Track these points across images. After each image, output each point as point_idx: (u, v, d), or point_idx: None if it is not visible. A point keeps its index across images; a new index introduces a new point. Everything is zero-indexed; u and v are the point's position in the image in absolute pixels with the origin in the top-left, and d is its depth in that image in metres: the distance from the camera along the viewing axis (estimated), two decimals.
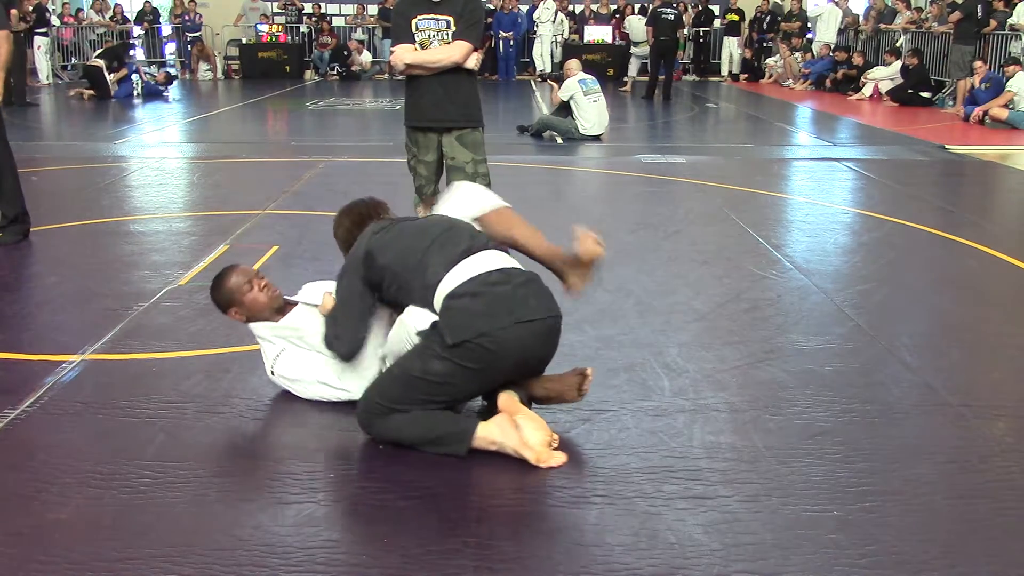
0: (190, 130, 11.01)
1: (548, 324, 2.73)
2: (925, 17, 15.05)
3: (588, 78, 9.63)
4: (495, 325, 2.61)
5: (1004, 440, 2.88)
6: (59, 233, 5.47)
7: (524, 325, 2.65)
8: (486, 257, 2.76)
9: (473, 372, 2.65)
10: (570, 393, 2.86)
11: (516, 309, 2.65)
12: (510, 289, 2.68)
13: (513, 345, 2.64)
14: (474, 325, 2.61)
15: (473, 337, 2.60)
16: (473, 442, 2.66)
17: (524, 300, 2.68)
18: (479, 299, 2.65)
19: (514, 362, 2.70)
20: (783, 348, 3.63)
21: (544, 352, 2.79)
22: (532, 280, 2.76)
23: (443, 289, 2.69)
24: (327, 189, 6.80)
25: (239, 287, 3.08)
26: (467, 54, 4.22)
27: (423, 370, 2.66)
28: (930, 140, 9.81)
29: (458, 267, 2.71)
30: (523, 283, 2.72)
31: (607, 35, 18.25)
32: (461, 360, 2.62)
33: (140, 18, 19.01)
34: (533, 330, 2.68)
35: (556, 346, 2.82)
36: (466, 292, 2.66)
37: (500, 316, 2.62)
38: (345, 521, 2.40)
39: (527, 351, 2.70)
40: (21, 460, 2.66)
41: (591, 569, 2.16)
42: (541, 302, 2.72)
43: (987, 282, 4.76)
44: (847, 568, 2.18)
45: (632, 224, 5.81)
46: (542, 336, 2.72)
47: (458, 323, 2.62)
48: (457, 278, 2.69)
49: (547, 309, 2.73)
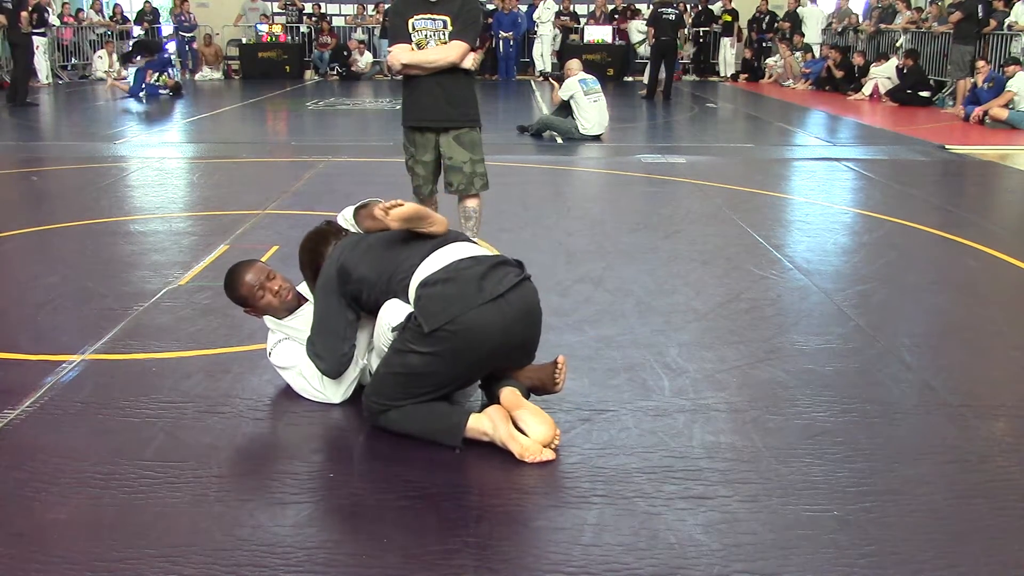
0: (190, 130, 11.01)
1: (520, 295, 2.75)
2: (925, 17, 15.05)
3: (589, 78, 9.62)
4: (468, 306, 2.66)
5: (1004, 440, 2.88)
6: (59, 233, 5.47)
7: (497, 302, 2.69)
8: (457, 247, 2.84)
9: (452, 357, 2.68)
10: (548, 383, 2.90)
11: (486, 287, 2.70)
12: (482, 270, 2.74)
13: (488, 323, 2.67)
14: (448, 310, 2.65)
15: (447, 322, 2.63)
16: (466, 433, 2.71)
17: (495, 279, 2.73)
18: (450, 284, 2.70)
19: (496, 343, 2.71)
20: (783, 348, 3.63)
21: (526, 329, 2.80)
22: (503, 262, 2.82)
23: (416, 279, 2.75)
24: (327, 189, 6.80)
25: (252, 292, 3.10)
26: (463, 54, 4.22)
27: (403, 365, 2.72)
28: (930, 140, 9.81)
29: (431, 257, 2.78)
30: (494, 265, 2.78)
31: (607, 35, 18.25)
32: (438, 347, 2.65)
33: (140, 18, 19.00)
34: (509, 304, 2.71)
35: (538, 323, 2.84)
36: (438, 279, 2.71)
37: (471, 296, 2.67)
38: (345, 521, 2.40)
39: (507, 330, 2.71)
40: (21, 460, 2.66)
41: (591, 569, 2.16)
42: (509, 277, 2.76)
43: (987, 282, 4.76)
44: (847, 568, 2.18)
45: (632, 224, 5.80)
46: (519, 310, 2.74)
47: (432, 310, 2.66)
48: (430, 267, 2.75)
49: (516, 275, 2.78)
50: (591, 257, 4.93)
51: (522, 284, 2.79)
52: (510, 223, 5.57)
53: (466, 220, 4.50)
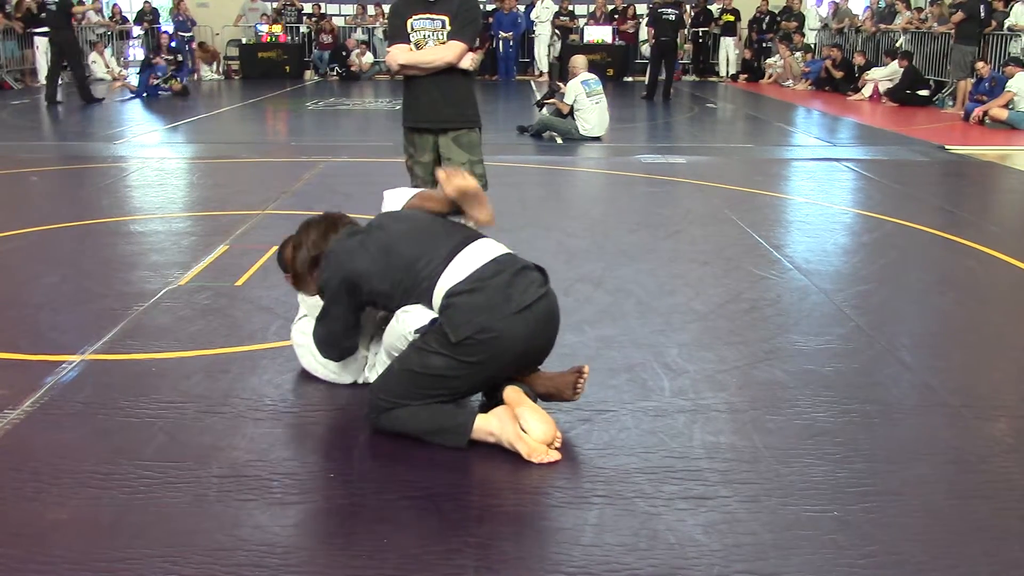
0: (190, 130, 11.01)
1: (545, 305, 2.77)
2: (924, 18, 15.05)
3: (591, 78, 9.60)
4: (496, 317, 2.65)
5: (1004, 440, 2.88)
6: (59, 233, 5.47)
7: (523, 313, 2.69)
8: (477, 249, 2.82)
9: (475, 366, 2.68)
10: (567, 391, 2.88)
11: (514, 297, 2.70)
12: (506, 278, 2.73)
13: (515, 334, 2.68)
14: (476, 320, 2.64)
15: (475, 332, 2.63)
16: (472, 433, 2.70)
17: (520, 288, 2.73)
18: (477, 294, 2.68)
19: (517, 352, 2.73)
20: (783, 348, 3.63)
21: (546, 338, 2.82)
22: (524, 267, 2.82)
23: (441, 287, 2.73)
24: (327, 189, 6.80)
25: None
26: (461, 54, 4.21)
27: (423, 365, 2.70)
28: (930, 140, 9.82)
29: (453, 264, 2.76)
30: (516, 271, 2.77)
31: (607, 35, 18.25)
32: (463, 356, 2.66)
33: (140, 18, 19.00)
34: (535, 315, 2.72)
35: (556, 331, 2.87)
36: (463, 289, 2.70)
37: (500, 307, 2.67)
38: (345, 521, 2.40)
39: (530, 339, 2.73)
40: (21, 460, 2.66)
41: (591, 569, 2.16)
42: (533, 287, 2.77)
43: (987, 282, 4.75)
44: (847, 568, 2.18)
45: (632, 224, 5.80)
46: (543, 320, 2.76)
47: (460, 320, 2.65)
48: (454, 276, 2.73)
49: (539, 286, 2.79)
50: (591, 257, 4.93)
51: (547, 295, 2.80)
52: (510, 223, 5.56)
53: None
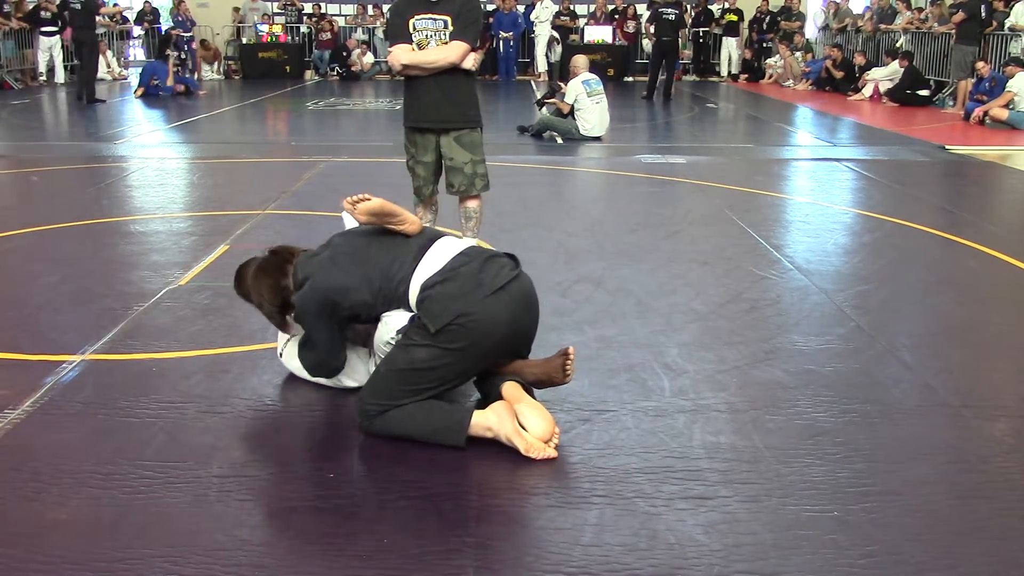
0: (190, 130, 11.01)
1: (519, 286, 2.81)
2: (925, 18, 15.04)
3: (592, 78, 9.59)
4: (471, 301, 2.70)
5: (1004, 440, 2.88)
6: (59, 233, 5.47)
7: (498, 294, 2.73)
8: (444, 245, 2.87)
9: (458, 353, 2.71)
10: (557, 375, 2.90)
11: (486, 281, 2.75)
12: (476, 266, 2.78)
13: (495, 317, 2.72)
14: (452, 307, 2.70)
15: (454, 318, 2.68)
16: (470, 430, 2.71)
17: (492, 272, 2.78)
18: (450, 283, 2.74)
19: (501, 336, 2.75)
20: (783, 348, 3.63)
21: (528, 320, 2.86)
22: (494, 255, 2.87)
23: (415, 283, 2.78)
24: (327, 189, 6.80)
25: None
26: (463, 54, 4.21)
27: (408, 361, 2.73)
28: (930, 140, 9.81)
29: (424, 261, 2.81)
30: (486, 259, 2.83)
31: (607, 35, 18.25)
32: (446, 343, 2.70)
33: (140, 18, 18.99)
34: (510, 295, 2.77)
35: (537, 314, 2.90)
36: (436, 280, 2.76)
37: (473, 292, 2.72)
38: (345, 521, 2.40)
39: (512, 322, 2.77)
40: (21, 460, 2.66)
41: (591, 569, 2.17)
42: (504, 270, 2.81)
43: (987, 282, 4.75)
44: (847, 568, 2.18)
45: (632, 224, 5.80)
46: (519, 301, 2.80)
47: (437, 310, 2.70)
48: (426, 271, 2.79)
49: (511, 269, 2.83)
50: (591, 257, 4.93)
51: (519, 277, 2.84)
52: (510, 223, 5.57)
53: (467, 221, 4.50)
